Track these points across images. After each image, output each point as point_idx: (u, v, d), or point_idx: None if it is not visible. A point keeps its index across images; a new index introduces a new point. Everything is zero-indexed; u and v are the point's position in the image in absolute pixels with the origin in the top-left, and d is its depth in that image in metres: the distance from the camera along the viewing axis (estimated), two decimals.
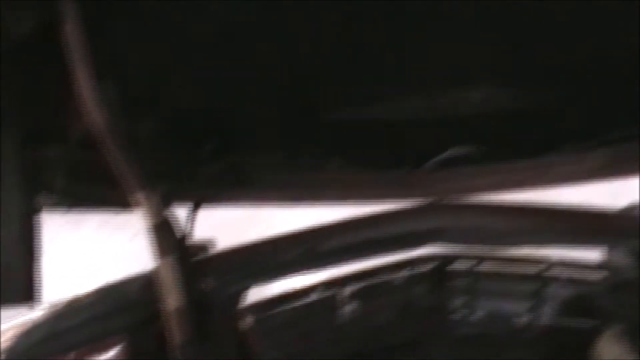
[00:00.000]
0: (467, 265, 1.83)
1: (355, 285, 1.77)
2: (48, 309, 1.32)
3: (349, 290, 1.77)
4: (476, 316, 1.89)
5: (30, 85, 1.08)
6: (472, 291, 1.86)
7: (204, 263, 1.37)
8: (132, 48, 1.13)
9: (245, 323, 1.38)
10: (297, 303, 1.70)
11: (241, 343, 1.45)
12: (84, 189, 1.24)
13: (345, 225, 1.52)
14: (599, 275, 1.86)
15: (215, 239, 1.48)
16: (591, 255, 1.83)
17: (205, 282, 1.31)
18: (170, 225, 1.22)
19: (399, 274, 1.80)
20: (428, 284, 1.84)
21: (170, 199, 1.22)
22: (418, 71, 1.29)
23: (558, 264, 1.82)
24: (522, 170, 1.47)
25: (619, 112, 1.38)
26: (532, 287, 1.85)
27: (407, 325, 1.83)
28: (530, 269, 1.84)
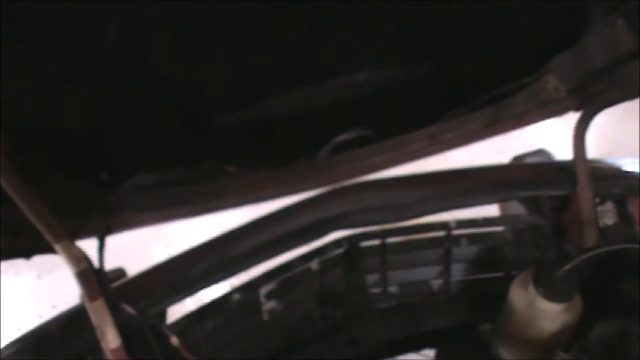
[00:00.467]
0: (375, 242, 1.87)
1: (270, 284, 1.78)
2: None
3: (265, 289, 1.77)
4: (392, 288, 1.93)
5: None
6: (384, 265, 1.90)
7: (122, 291, 1.35)
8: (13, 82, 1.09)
9: (174, 341, 1.37)
10: (218, 312, 1.70)
11: None
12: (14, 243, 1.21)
13: (252, 227, 1.53)
14: (500, 228, 1.94)
15: (124, 266, 1.48)
16: (490, 210, 1.91)
17: (128, 309, 1.29)
18: (93, 270, 1.21)
19: (311, 264, 1.82)
20: (341, 267, 1.87)
21: (78, 235, 1.20)
22: (298, 63, 1.30)
23: (460, 224, 1.89)
24: (414, 142, 1.52)
25: (494, 73, 1.45)
26: (440, 251, 1.91)
27: (329, 310, 1.85)
28: (435, 234, 1.89)
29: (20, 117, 1.13)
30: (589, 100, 1.57)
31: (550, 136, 3.06)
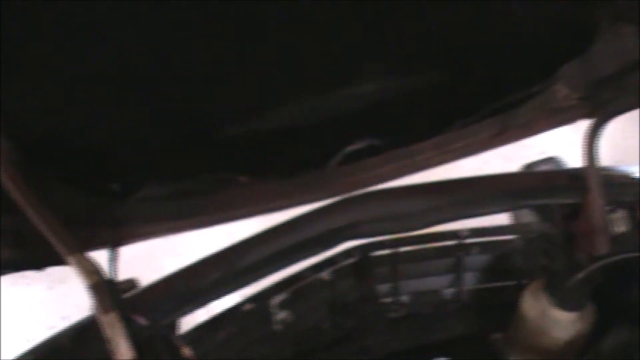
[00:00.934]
0: (386, 252, 1.87)
1: (281, 294, 1.78)
2: None
3: (276, 299, 1.78)
4: (403, 298, 1.93)
5: None
6: (395, 275, 1.90)
7: (133, 302, 1.35)
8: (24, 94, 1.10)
9: (185, 352, 1.37)
10: (230, 322, 1.70)
11: None
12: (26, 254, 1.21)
13: (262, 238, 1.52)
14: (511, 237, 1.94)
15: (136, 276, 1.48)
16: (500, 219, 1.91)
17: (140, 320, 1.30)
18: (106, 282, 1.21)
19: (322, 274, 1.82)
20: (352, 277, 1.87)
21: (88, 246, 1.20)
22: (306, 73, 1.30)
23: (471, 233, 1.89)
24: (423, 151, 1.52)
25: (503, 81, 1.44)
26: (451, 260, 1.91)
27: (339, 320, 1.85)
28: (446, 243, 1.89)
29: (30, 129, 1.13)
30: (600, 108, 1.56)
31: (561, 144, 3.05)
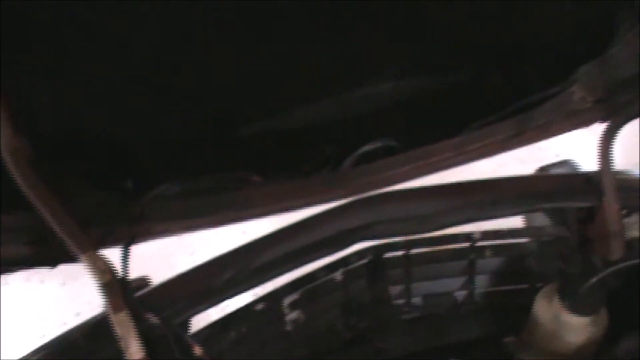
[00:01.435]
0: (400, 253, 1.86)
1: (294, 294, 1.78)
2: None
3: (289, 299, 1.78)
4: (416, 300, 1.93)
5: None
6: (408, 276, 1.89)
7: (146, 300, 1.36)
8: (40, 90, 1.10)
9: (197, 351, 1.37)
10: (242, 322, 1.70)
11: None
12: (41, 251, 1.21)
13: (276, 237, 1.53)
14: (525, 239, 1.93)
15: (149, 274, 1.49)
16: (514, 222, 1.90)
17: (152, 318, 1.30)
18: (118, 281, 1.21)
19: (335, 275, 1.82)
20: (365, 278, 1.87)
21: (102, 244, 1.20)
22: (324, 72, 1.30)
23: (485, 236, 1.88)
24: (438, 152, 1.52)
25: (520, 83, 1.44)
26: (464, 262, 1.90)
27: (352, 321, 1.85)
28: (459, 245, 1.89)
29: (46, 126, 1.14)
30: (615, 111, 1.55)
31: (576, 147, 3.04)
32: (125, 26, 1.04)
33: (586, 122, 1.64)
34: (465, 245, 1.88)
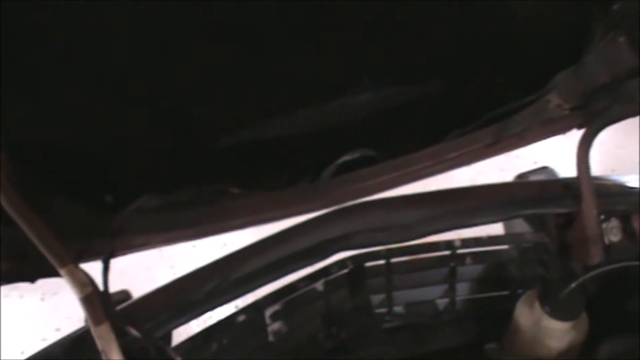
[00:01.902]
0: (381, 262, 1.86)
1: (275, 305, 1.78)
2: None
3: (270, 310, 1.77)
4: (397, 308, 1.93)
5: None
6: (389, 285, 1.89)
7: (127, 313, 1.35)
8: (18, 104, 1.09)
9: None
10: (224, 333, 1.69)
11: None
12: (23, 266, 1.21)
13: (256, 248, 1.53)
14: (505, 246, 1.94)
15: (128, 287, 1.48)
16: (494, 229, 1.90)
17: (133, 331, 1.29)
18: (98, 294, 1.21)
19: (316, 285, 1.82)
20: (346, 288, 1.87)
21: (82, 258, 1.20)
22: (302, 83, 1.30)
23: (465, 243, 1.89)
24: (417, 161, 1.53)
25: (496, 91, 1.45)
26: (445, 270, 1.91)
27: (334, 331, 1.84)
28: (440, 253, 1.89)
29: (24, 140, 1.13)
30: (592, 117, 1.57)
31: (554, 154, 3.06)
32: (102, 40, 1.03)
33: (563, 129, 1.66)
34: (446, 253, 1.88)
